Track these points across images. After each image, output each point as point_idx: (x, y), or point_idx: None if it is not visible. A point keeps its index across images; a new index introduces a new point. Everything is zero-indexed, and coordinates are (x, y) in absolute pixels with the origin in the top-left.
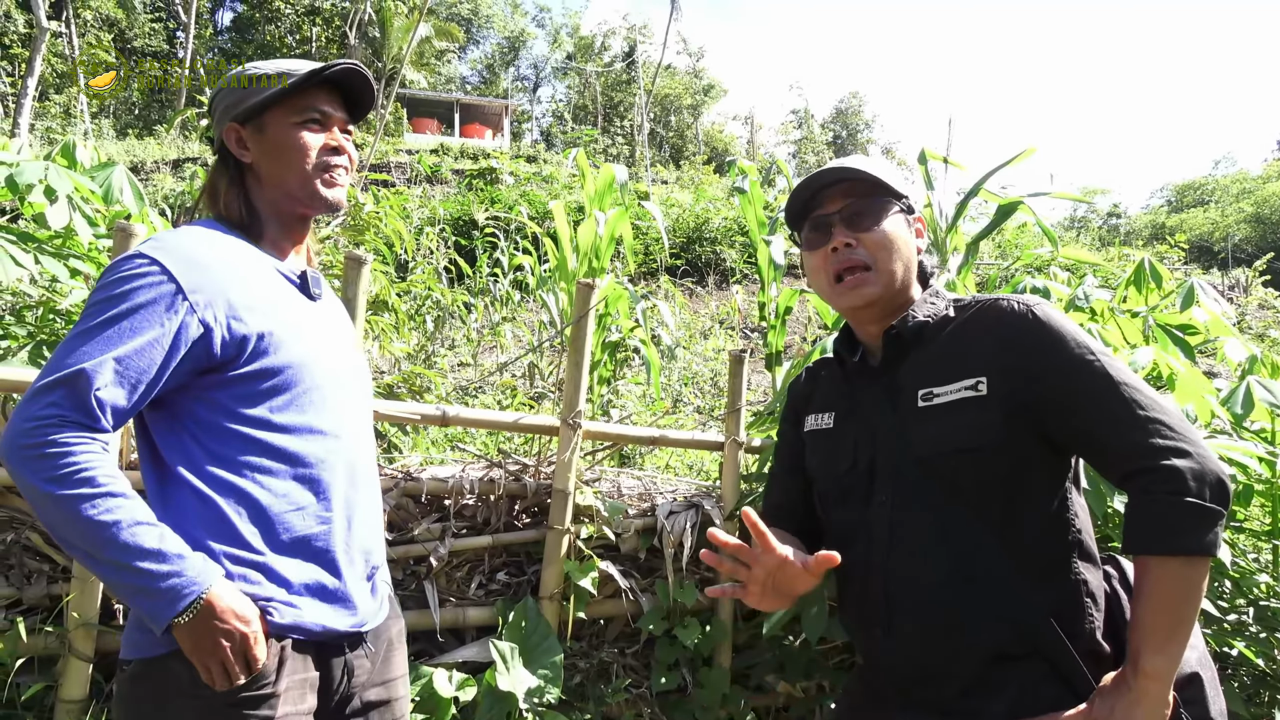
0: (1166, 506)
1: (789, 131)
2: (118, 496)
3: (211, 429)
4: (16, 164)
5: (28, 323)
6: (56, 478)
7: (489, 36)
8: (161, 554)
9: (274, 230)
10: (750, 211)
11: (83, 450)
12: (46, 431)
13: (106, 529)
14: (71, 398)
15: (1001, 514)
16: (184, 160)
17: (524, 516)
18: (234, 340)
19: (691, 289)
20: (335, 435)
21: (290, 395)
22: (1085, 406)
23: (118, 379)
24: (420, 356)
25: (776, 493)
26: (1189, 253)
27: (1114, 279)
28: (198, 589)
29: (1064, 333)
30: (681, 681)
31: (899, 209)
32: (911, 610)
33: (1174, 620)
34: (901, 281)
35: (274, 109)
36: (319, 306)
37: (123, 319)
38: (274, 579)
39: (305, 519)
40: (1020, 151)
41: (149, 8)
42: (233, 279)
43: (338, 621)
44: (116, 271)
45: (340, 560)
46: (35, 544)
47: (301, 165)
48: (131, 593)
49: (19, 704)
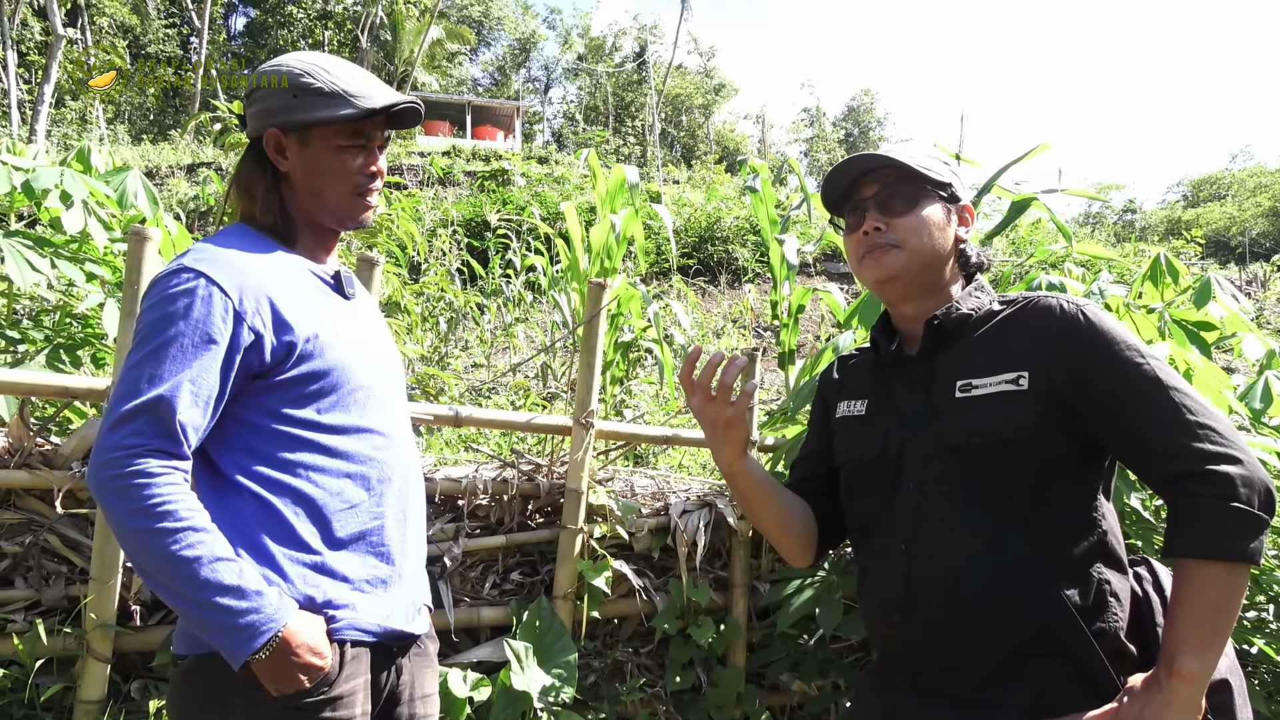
0: (1214, 511)
1: (800, 130)
2: (199, 531)
3: (262, 432)
4: (33, 169)
5: (45, 327)
6: (139, 510)
7: (500, 38)
8: (240, 590)
9: (308, 237)
10: (762, 210)
11: (165, 482)
12: (131, 461)
13: (187, 565)
14: (155, 425)
15: (1028, 508)
16: (198, 165)
17: (537, 516)
18: (281, 345)
19: (704, 288)
20: (383, 433)
21: (336, 396)
22: (1133, 409)
23: (194, 400)
24: (434, 358)
25: (796, 473)
26: (1205, 248)
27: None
28: (275, 626)
29: (1114, 335)
30: (696, 680)
31: (937, 196)
32: (932, 598)
33: (1213, 626)
34: (931, 263)
35: (323, 127)
36: (354, 305)
37: (183, 337)
38: (333, 576)
39: (360, 515)
40: (1034, 147)
41: (163, 14)
42: (274, 285)
43: (394, 619)
44: (165, 289)
45: (395, 555)
46: (53, 546)
47: (340, 188)
48: (209, 628)
49: (38, 704)
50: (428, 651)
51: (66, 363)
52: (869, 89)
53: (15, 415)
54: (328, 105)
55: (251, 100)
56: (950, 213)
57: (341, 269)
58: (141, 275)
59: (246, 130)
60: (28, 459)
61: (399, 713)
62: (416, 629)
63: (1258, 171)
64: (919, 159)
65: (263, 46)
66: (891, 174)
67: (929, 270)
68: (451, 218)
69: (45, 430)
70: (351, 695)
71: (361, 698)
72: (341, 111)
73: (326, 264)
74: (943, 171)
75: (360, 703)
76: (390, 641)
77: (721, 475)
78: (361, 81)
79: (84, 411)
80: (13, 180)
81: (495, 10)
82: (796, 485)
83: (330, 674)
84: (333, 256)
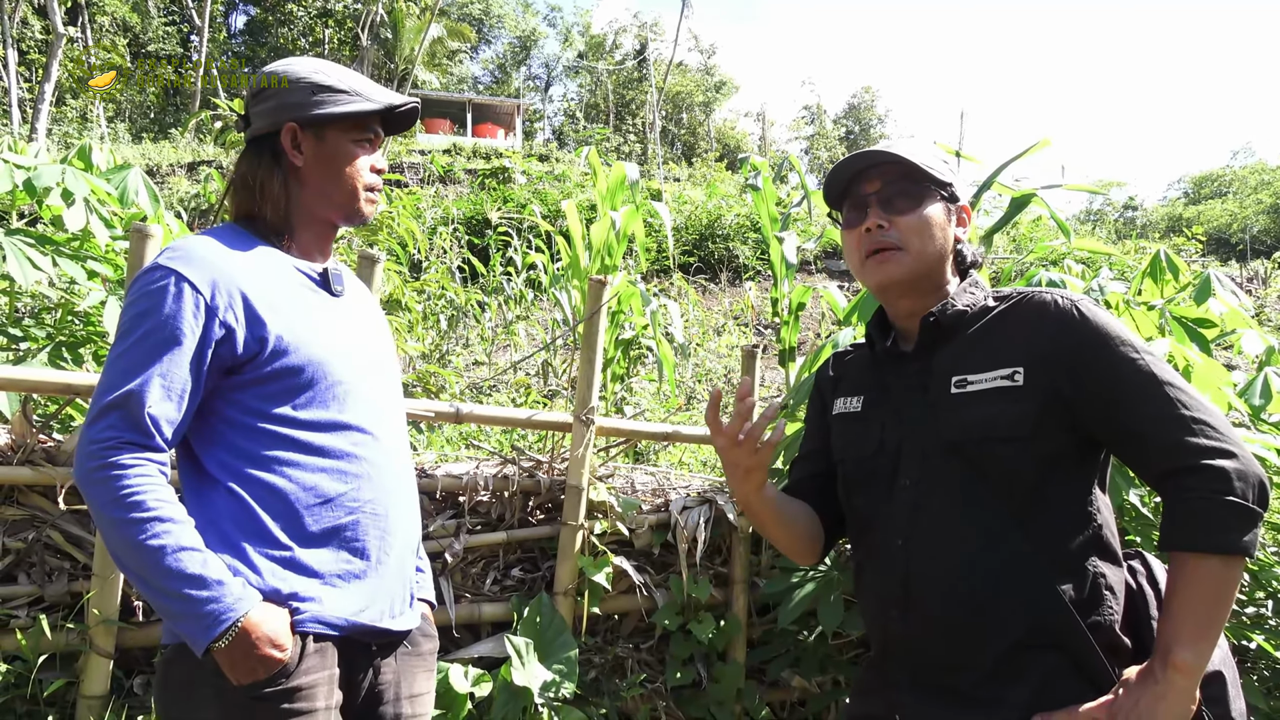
0: (1209, 504)
1: (801, 128)
2: (165, 521)
3: (240, 428)
4: (34, 167)
5: (47, 324)
6: (111, 501)
7: (500, 36)
8: (202, 579)
9: (306, 234)
10: (763, 208)
11: (136, 474)
12: (106, 454)
13: (153, 554)
14: (127, 419)
15: (1024, 503)
16: (199, 163)
17: (538, 513)
18: (254, 339)
19: (705, 286)
20: (363, 429)
21: (313, 392)
22: (1129, 404)
23: (165, 393)
24: (435, 356)
25: (795, 473)
26: (1206, 245)
27: (1129, 271)
28: (234, 615)
29: (1109, 330)
30: (696, 676)
31: (939, 196)
32: (931, 595)
33: (1208, 618)
34: (933, 266)
35: (338, 122)
36: (342, 303)
37: (155, 334)
38: (301, 571)
39: (334, 510)
40: (1034, 143)
41: (164, 12)
42: (249, 280)
43: (368, 615)
44: (139, 287)
45: (372, 550)
46: (56, 542)
47: (351, 182)
48: (174, 616)
49: (42, 700)
50: (421, 650)
51: (69, 360)
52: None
53: (18, 412)
54: (347, 101)
55: (260, 99)
56: (950, 212)
57: (331, 266)
58: None
59: (249, 129)
60: (30, 455)
61: (383, 712)
62: (398, 626)
63: (1259, 168)
64: (923, 157)
65: (263, 44)
66: (895, 171)
67: (930, 272)
68: (452, 216)
69: (48, 427)
70: (312, 688)
71: (325, 691)
72: (360, 105)
73: (319, 261)
74: (944, 171)
75: (323, 696)
76: (363, 637)
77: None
78: (366, 82)
79: (85, 408)
80: (14, 178)
81: (495, 8)
82: (797, 485)
83: (289, 665)
84: (329, 253)
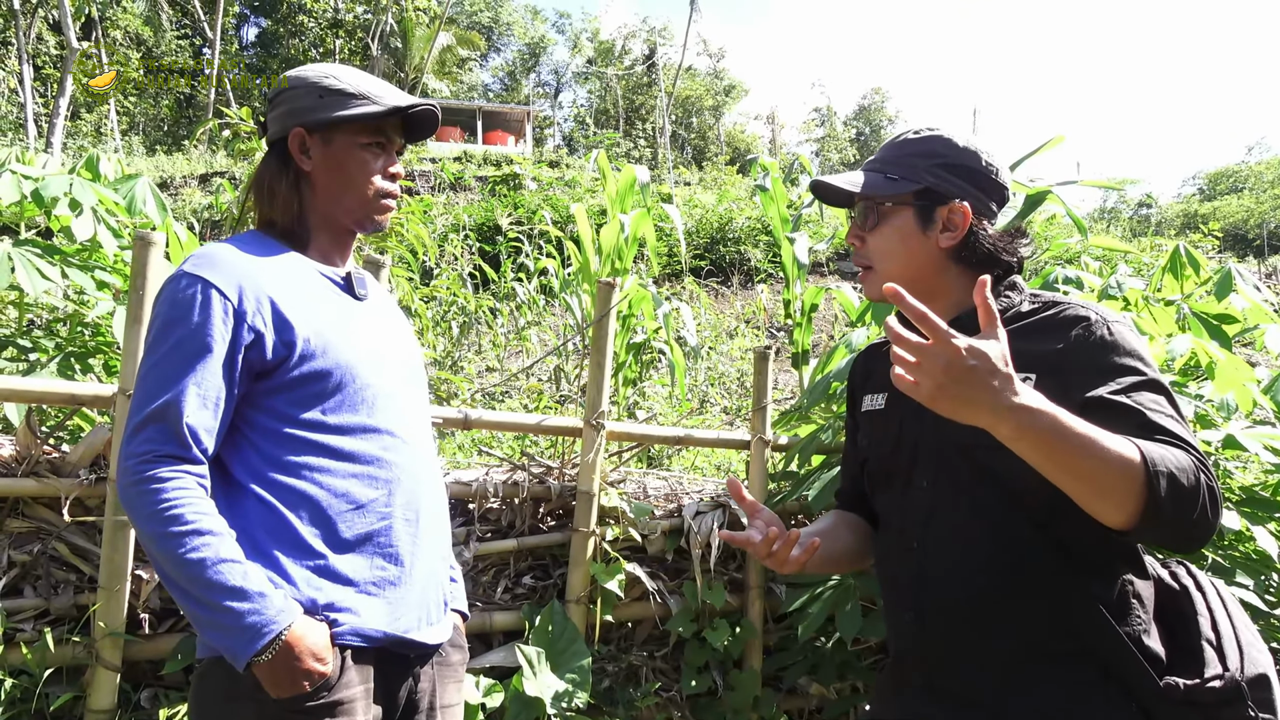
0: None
1: (812, 129)
2: (205, 534)
3: (269, 434)
4: (42, 178)
5: (57, 335)
6: (151, 515)
7: (510, 44)
8: (244, 592)
9: (324, 238)
10: (773, 210)
11: (175, 487)
12: (144, 468)
13: (193, 567)
14: (165, 431)
15: (1041, 508)
16: (212, 175)
17: (549, 519)
18: (282, 344)
19: (717, 289)
20: (393, 433)
21: (341, 396)
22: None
23: (201, 402)
24: (446, 362)
25: (844, 479)
26: (1223, 241)
27: (1147, 268)
28: (277, 628)
29: (1129, 346)
30: (712, 684)
31: (909, 205)
32: (944, 596)
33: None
34: (911, 278)
35: (346, 125)
36: (367, 306)
37: (186, 343)
38: (336, 579)
39: (366, 516)
40: (1048, 140)
41: (176, 25)
42: (276, 285)
43: (402, 625)
44: (166, 297)
45: (405, 556)
46: (62, 554)
47: (361, 188)
48: (215, 629)
49: (48, 714)
50: (451, 661)
51: (78, 371)
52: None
53: (23, 423)
54: (352, 104)
55: (275, 104)
56: (932, 217)
57: (354, 270)
58: (147, 280)
59: (267, 135)
60: (35, 467)
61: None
62: (431, 638)
63: (1275, 163)
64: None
65: (274, 56)
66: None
67: (913, 283)
68: (463, 222)
69: (53, 438)
70: (351, 703)
71: (363, 705)
72: (365, 108)
73: (341, 266)
74: (916, 174)
75: (361, 710)
76: (399, 648)
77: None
78: (381, 85)
79: (92, 419)
80: (22, 189)
81: (504, 16)
82: (843, 495)
83: (330, 679)
84: (349, 259)
